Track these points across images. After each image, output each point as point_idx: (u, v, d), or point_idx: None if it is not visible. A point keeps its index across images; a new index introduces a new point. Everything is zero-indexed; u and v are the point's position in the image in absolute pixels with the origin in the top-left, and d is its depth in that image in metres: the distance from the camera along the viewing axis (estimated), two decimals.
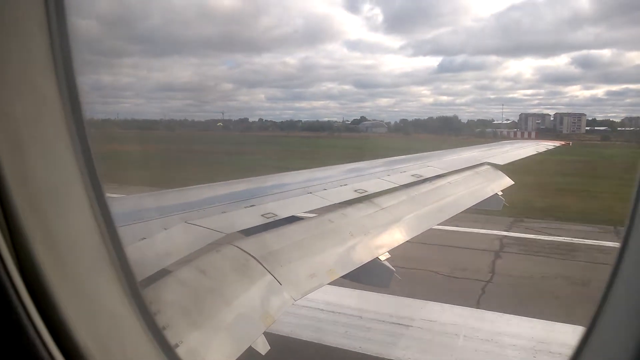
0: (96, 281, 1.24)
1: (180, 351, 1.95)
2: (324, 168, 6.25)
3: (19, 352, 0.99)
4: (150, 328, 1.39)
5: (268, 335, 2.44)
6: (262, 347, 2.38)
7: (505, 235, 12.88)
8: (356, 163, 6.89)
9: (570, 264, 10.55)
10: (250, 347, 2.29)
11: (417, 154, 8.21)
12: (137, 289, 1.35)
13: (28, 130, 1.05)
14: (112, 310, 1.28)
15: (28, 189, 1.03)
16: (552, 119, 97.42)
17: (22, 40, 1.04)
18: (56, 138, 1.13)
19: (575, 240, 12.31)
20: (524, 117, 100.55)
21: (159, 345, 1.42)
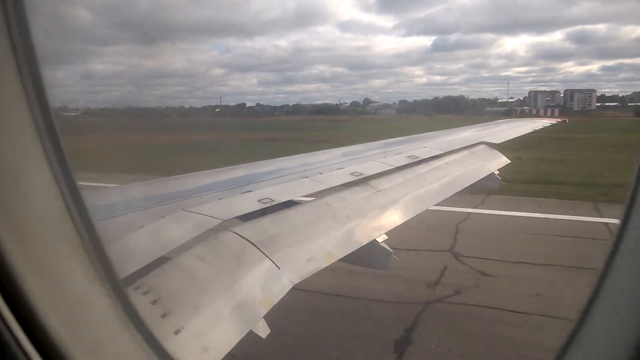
0: (65, 264, 1.21)
1: (181, 337, 1.98)
2: (320, 152, 6.25)
3: None
4: (126, 312, 1.38)
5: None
6: (263, 331, 2.41)
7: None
8: (352, 146, 6.90)
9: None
10: (250, 331, 2.32)
11: (414, 135, 8.22)
12: (111, 271, 1.32)
13: None
14: (82, 292, 1.25)
15: None
16: (561, 95, 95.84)
17: None
18: (15, 116, 1.10)
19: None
20: (534, 95, 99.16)
21: (135, 329, 1.41)
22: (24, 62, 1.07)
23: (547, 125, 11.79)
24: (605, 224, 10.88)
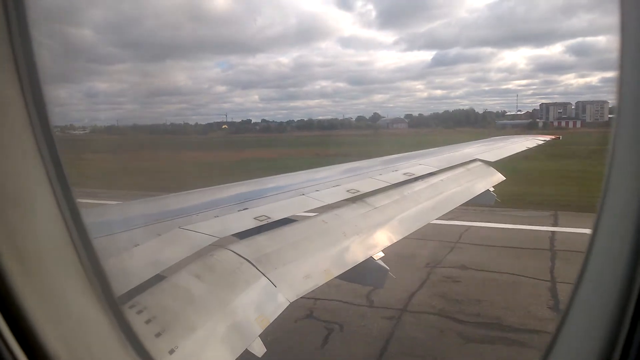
0: (64, 285, 1.22)
1: (175, 356, 1.96)
2: (316, 169, 6.27)
3: None
4: (124, 331, 1.38)
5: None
6: (258, 349, 2.38)
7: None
8: (348, 163, 6.92)
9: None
10: (246, 349, 2.29)
11: (412, 152, 8.26)
12: (110, 293, 1.33)
13: None
14: (82, 314, 1.26)
15: None
16: (573, 107, 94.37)
17: None
18: (20, 140, 1.12)
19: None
20: (545, 107, 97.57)
21: (132, 348, 1.41)
22: (27, 87, 1.09)
23: (540, 142, 11.80)
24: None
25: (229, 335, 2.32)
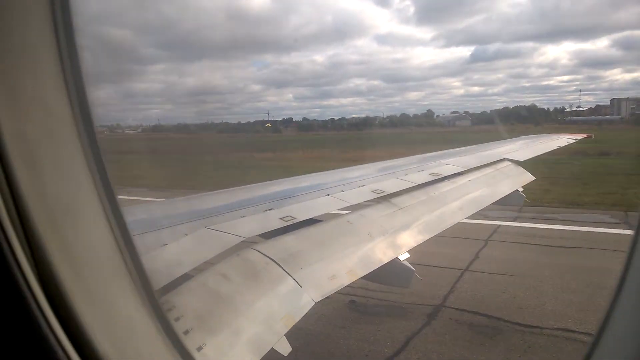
0: (113, 290, 1.28)
1: (203, 354, 1.99)
2: (338, 170, 6.28)
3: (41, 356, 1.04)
4: (166, 332, 1.42)
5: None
6: (284, 348, 2.40)
7: None
8: (374, 163, 6.90)
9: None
10: (272, 348, 2.32)
11: (440, 152, 8.20)
12: (153, 296, 1.38)
13: (41, 147, 1.09)
14: (128, 317, 1.31)
15: (45, 204, 1.07)
16: None
17: (32, 58, 1.08)
18: (69, 153, 1.17)
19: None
20: (616, 102, 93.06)
21: (175, 348, 1.45)
22: (73, 90, 1.14)
23: (571, 142, 11.53)
24: None
25: (255, 334, 2.35)
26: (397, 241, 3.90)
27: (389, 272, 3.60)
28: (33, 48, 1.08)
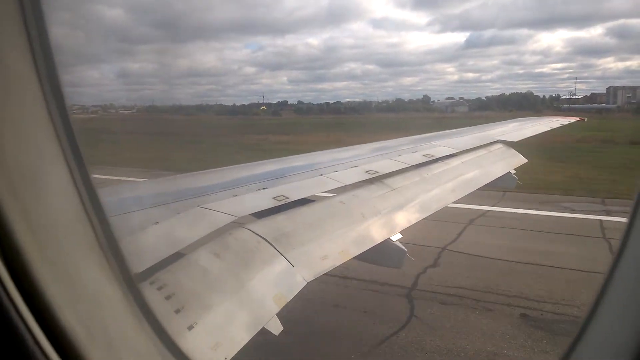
0: (80, 262, 1.22)
1: (194, 332, 2.00)
2: (332, 150, 6.26)
3: (1, 333, 1.00)
4: (140, 309, 1.39)
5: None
6: (275, 328, 2.42)
7: None
8: (368, 144, 6.88)
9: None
10: (263, 327, 2.33)
11: (434, 133, 8.21)
12: (126, 270, 1.34)
13: (4, 114, 1.03)
14: (97, 291, 1.27)
15: (3, 169, 1.02)
16: None
17: None
18: (31, 114, 1.12)
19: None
20: (613, 91, 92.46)
21: (150, 327, 1.42)
22: (42, 63, 1.08)
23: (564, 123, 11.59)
24: None
25: (247, 313, 2.36)
26: (390, 222, 3.91)
27: (381, 253, 3.62)
28: None
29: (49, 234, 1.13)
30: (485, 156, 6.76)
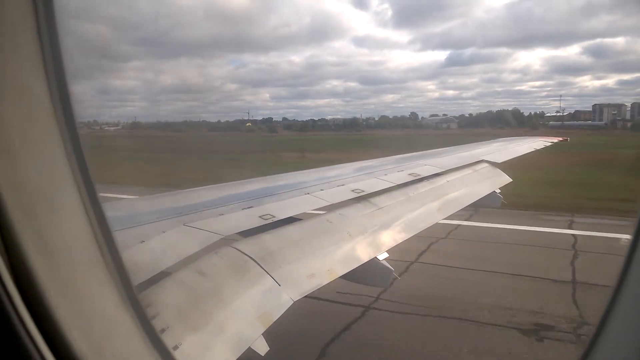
0: (90, 284, 1.23)
1: (179, 353, 1.97)
2: (317, 169, 6.28)
3: (12, 355, 0.99)
4: (145, 330, 1.39)
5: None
6: (262, 348, 2.39)
7: None
8: (354, 163, 6.92)
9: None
10: (249, 348, 2.30)
11: (420, 152, 8.28)
12: (132, 291, 1.35)
13: (19, 132, 1.05)
14: (106, 312, 1.27)
15: (20, 191, 1.03)
16: (629, 109, 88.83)
17: (11, 42, 1.04)
18: (48, 140, 1.13)
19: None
20: (598, 108, 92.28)
21: (154, 347, 1.42)
22: (54, 82, 1.10)
23: (547, 145, 11.74)
24: None
25: (233, 332, 2.34)
26: (376, 241, 3.92)
27: (368, 272, 3.61)
28: (13, 31, 1.03)
29: (60, 253, 1.14)
30: (471, 175, 6.84)
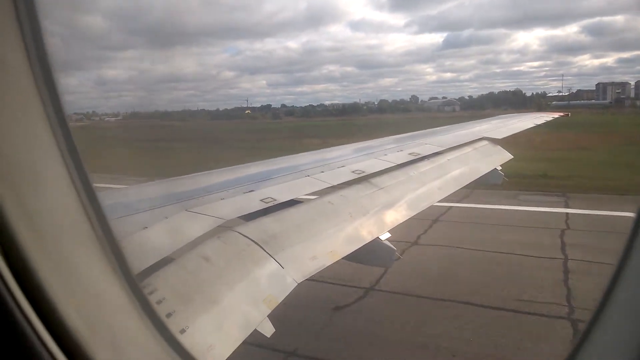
0: (81, 260, 1.22)
1: (186, 336, 1.99)
2: (317, 151, 6.27)
3: (5, 332, 0.99)
4: (141, 305, 1.38)
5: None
6: (267, 329, 2.42)
7: None
8: (353, 144, 6.91)
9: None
10: (255, 330, 2.33)
11: (420, 131, 8.24)
12: (126, 267, 1.33)
13: (1, 112, 1.03)
14: (99, 289, 1.27)
15: (4, 167, 1.02)
16: (632, 87, 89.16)
17: None
18: (32, 119, 1.11)
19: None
20: (602, 87, 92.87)
21: (150, 321, 1.42)
22: (37, 64, 1.09)
23: (548, 120, 11.70)
24: None
25: (238, 315, 2.36)
26: (378, 221, 3.93)
27: (370, 252, 3.63)
28: None
29: (51, 234, 1.13)
30: (471, 153, 6.83)
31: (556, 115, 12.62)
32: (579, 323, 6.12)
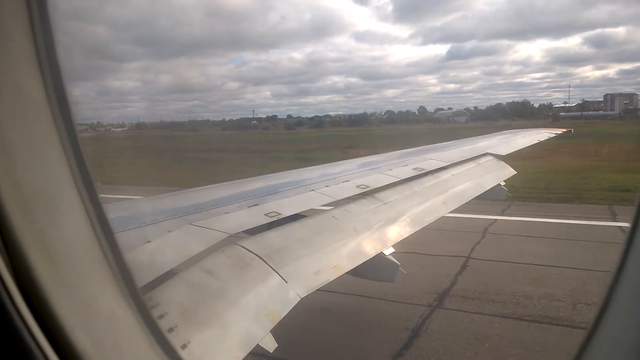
0: (92, 284, 1.23)
1: (187, 352, 1.98)
2: (321, 166, 6.28)
3: (16, 357, 0.99)
4: (150, 329, 1.38)
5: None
6: (270, 344, 2.40)
7: None
8: (358, 159, 6.92)
9: None
10: (257, 344, 2.31)
11: (424, 147, 8.25)
12: (135, 291, 1.34)
13: (16, 133, 1.04)
14: (109, 312, 1.26)
15: (19, 192, 1.03)
16: (639, 98, 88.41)
17: (5, 43, 1.03)
18: (46, 140, 1.12)
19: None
20: (610, 98, 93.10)
21: (159, 346, 1.42)
22: (50, 84, 1.10)
23: (551, 136, 11.67)
24: None
25: (241, 330, 2.34)
26: (382, 236, 3.91)
27: (374, 267, 3.62)
28: (5, 29, 1.02)
29: (61, 254, 1.14)
30: (475, 168, 6.82)
31: (559, 131, 12.55)
32: None
